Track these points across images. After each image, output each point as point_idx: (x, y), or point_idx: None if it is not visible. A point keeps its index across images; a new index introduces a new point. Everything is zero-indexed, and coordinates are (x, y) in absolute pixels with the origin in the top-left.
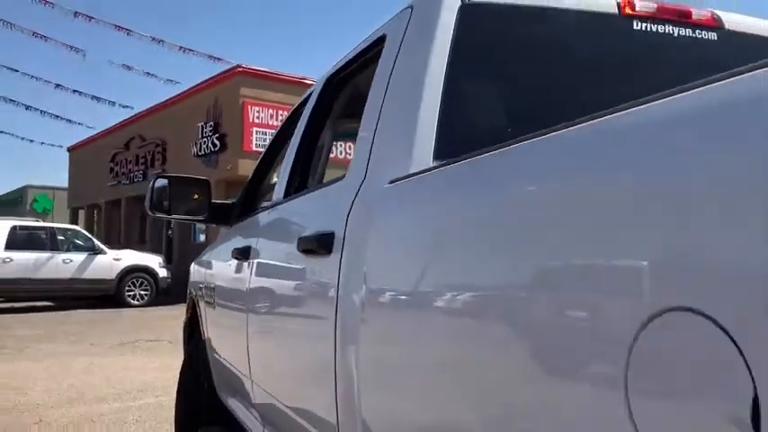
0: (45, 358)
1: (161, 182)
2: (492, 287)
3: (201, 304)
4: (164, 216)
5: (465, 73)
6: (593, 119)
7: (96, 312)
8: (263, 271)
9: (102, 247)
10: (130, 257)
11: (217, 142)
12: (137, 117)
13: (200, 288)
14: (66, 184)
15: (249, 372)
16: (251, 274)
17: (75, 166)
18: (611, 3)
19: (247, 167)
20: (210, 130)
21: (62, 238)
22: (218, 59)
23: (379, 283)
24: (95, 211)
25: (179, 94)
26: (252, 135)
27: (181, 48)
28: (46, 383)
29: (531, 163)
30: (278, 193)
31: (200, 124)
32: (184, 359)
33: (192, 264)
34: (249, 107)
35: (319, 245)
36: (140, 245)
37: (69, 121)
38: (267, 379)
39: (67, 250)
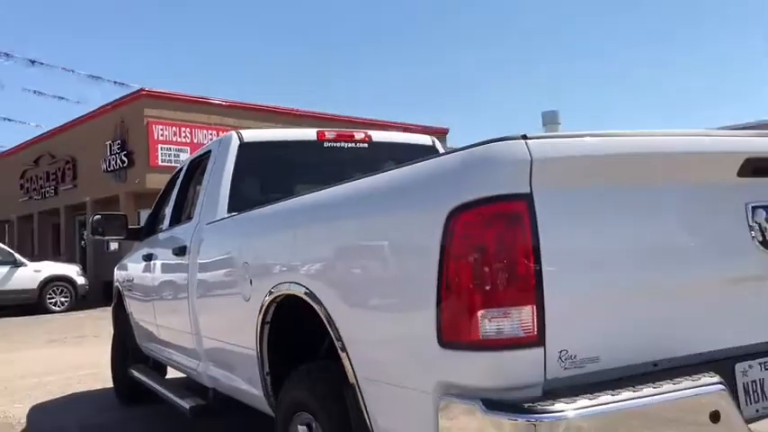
0: None
1: (97, 217)
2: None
3: (125, 291)
4: (100, 237)
5: (242, 173)
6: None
7: (21, 319)
8: (158, 266)
9: (23, 260)
10: (50, 268)
11: (125, 159)
12: (45, 135)
13: (123, 281)
14: None
15: (155, 320)
16: (152, 268)
17: None
18: (313, 135)
19: (155, 181)
20: (118, 148)
21: None
22: (122, 84)
23: (205, 268)
24: (6, 226)
25: (86, 115)
26: (157, 151)
27: (89, 75)
28: None
29: (267, 217)
30: (165, 223)
31: (108, 142)
32: (114, 327)
33: (116, 268)
34: (153, 126)
35: (180, 251)
36: (55, 256)
37: None
38: (167, 321)
39: None
